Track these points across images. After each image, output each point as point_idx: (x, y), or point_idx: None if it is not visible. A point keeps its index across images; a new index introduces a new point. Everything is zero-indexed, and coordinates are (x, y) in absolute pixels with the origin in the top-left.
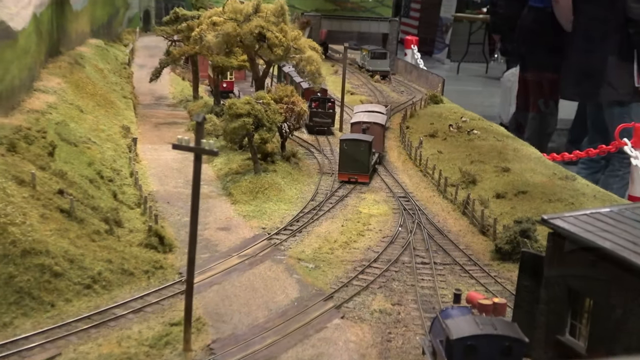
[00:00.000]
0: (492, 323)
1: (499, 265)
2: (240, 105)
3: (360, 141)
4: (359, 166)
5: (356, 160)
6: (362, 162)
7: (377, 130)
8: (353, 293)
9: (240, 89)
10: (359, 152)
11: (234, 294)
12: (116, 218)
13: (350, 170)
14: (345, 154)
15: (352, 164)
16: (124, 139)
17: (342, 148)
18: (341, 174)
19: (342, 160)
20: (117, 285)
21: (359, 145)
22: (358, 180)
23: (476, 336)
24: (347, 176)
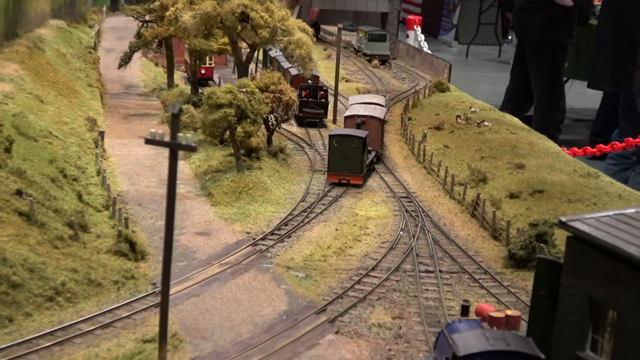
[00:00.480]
0: (504, 338)
1: (513, 274)
2: (220, 94)
3: (353, 137)
4: (351, 166)
5: (348, 159)
6: (355, 161)
7: (374, 125)
8: (349, 305)
9: (221, 75)
10: (350, 150)
11: (215, 306)
12: (81, 222)
13: (341, 171)
14: (335, 152)
15: (343, 163)
16: (90, 133)
17: (331, 145)
18: (331, 174)
19: (331, 159)
20: (83, 298)
21: (351, 142)
22: (350, 181)
23: (486, 352)
24: (338, 177)
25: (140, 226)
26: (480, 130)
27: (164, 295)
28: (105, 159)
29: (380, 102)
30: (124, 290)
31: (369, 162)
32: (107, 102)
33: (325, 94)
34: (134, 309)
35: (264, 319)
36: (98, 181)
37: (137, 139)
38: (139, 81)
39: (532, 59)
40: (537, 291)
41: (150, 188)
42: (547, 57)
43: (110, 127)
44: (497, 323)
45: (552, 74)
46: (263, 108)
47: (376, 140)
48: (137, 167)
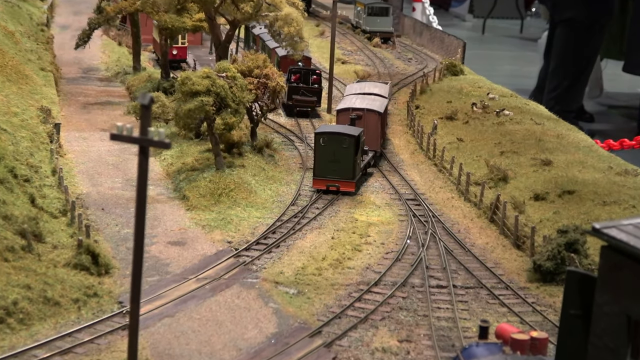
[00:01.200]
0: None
1: (538, 289)
2: (197, 80)
3: (343, 135)
4: (340, 170)
5: (337, 161)
6: (345, 164)
7: (372, 120)
8: (348, 327)
9: (196, 57)
10: (340, 151)
11: (192, 329)
12: (35, 230)
13: (329, 175)
14: (322, 153)
15: (332, 166)
16: (44, 125)
17: (317, 144)
18: (317, 180)
19: (318, 162)
20: (38, 319)
21: (341, 141)
22: (340, 188)
23: None
24: (325, 183)
25: (104, 235)
26: (499, 120)
27: (134, 315)
28: (61, 155)
29: (382, 92)
30: (86, 310)
31: (365, 165)
32: (62, 88)
33: (319, 79)
34: (97, 332)
35: (249, 343)
36: (54, 182)
37: (99, 132)
38: (100, 64)
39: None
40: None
41: (115, 190)
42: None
43: (67, 118)
44: (521, 347)
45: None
46: (246, 96)
47: (374, 138)
48: (99, 166)
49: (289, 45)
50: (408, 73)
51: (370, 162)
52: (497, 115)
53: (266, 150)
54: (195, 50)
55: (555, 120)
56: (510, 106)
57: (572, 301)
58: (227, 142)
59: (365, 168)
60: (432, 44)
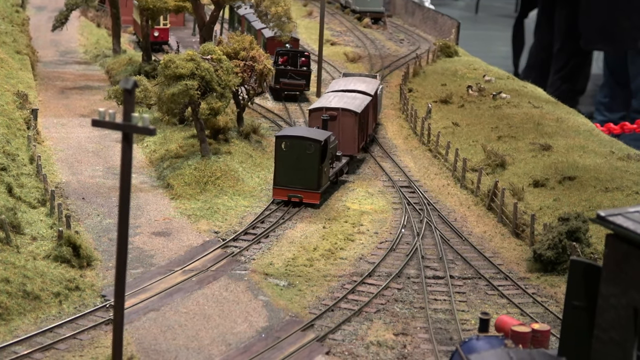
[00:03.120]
0: (533, 358)
1: (539, 279)
2: (180, 62)
3: (307, 140)
4: (304, 179)
5: (300, 169)
6: (309, 172)
7: (348, 121)
8: (341, 320)
9: (179, 39)
10: (304, 157)
11: (179, 323)
12: (13, 221)
13: (292, 185)
14: (283, 160)
15: (295, 174)
16: (20, 111)
17: (278, 150)
18: (277, 189)
19: (278, 169)
20: (17, 314)
21: (305, 147)
22: (303, 200)
23: None
24: (286, 193)
25: (85, 225)
26: (496, 103)
27: (118, 309)
28: (39, 143)
29: (368, 89)
30: (67, 304)
31: (336, 172)
32: (39, 72)
33: (307, 61)
34: (79, 327)
35: (238, 338)
36: (31, 170)
37: (78, 118)
38: (78, 46)
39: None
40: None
41: (95, 178)
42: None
43: (44, 103)
44: (522, 339)
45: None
46: (232, 79)
47: (351, 142)
48: (79, 153)
49: (276, 26)
50: (400, 55)
51: (343, 168)
52: (493, 99)
53: (253, 136)
54: (178, 31)
55: (554, 104)
56: (507, 89)
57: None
58: (213, 128)
59: (337, 176)
60: (424, 24)
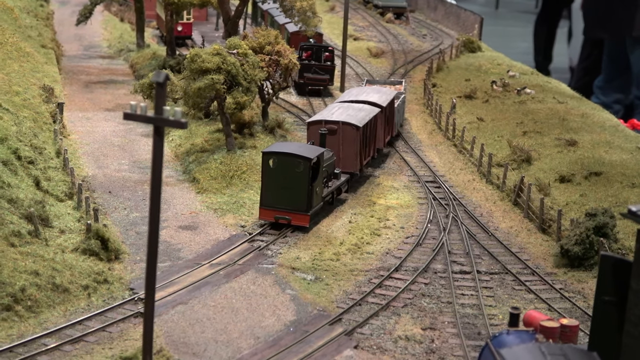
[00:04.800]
0: (564, 353)
1: (566, 274)
2: (207, 57)
3: (296, 158)
4: (292, 199)
5: (288, 188)
6: (298, 192)
7: (349, 135)
8: (369, 314)
9: (201, 34)
10: (293, 176)
11: (207, 316)
12: (42, 214)
13: (279, 205)
14: (270, 178)
15: (282, 194)
16: (46, 105)
17: (265, 167)
18: (264, 209)
19: (265, 188)
20: (46, 306)
21: (294, 165)
22: (291, 222)
23: None
24: (273, 214)
25: (112, 219)
26: (521, 99)
27: (149, 302)
28: (65, 136)
29: (381, 100)
30: (96, 297)
31: (332, 192)
32: (64, 66)
33: (331, 56)
34: (108, 320)
35: (267, 331)
36: (58, 164)
37: (103, 111)
38: (102, 40)
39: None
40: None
41: (122, 172)
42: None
43: (69, 97)
44: (551, 334)
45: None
46: (258, 74)
47: (352, 158)
48: (104, 147)
49: (301, 21)
50: (423, 50)
51: (342, 187)
52: (518, 94)
53: (278, 130)
54: (200, 26)
55: (578, 99)
56: (532, 84)
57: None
58: (238, 122)
59: (333, 195)
60: (447, 19)
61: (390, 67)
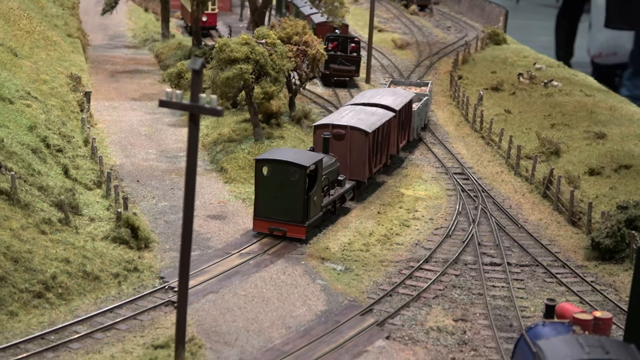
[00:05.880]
0: (602, 345)
1: (597, 267)
2: (235, 46)
3: (291, 165)
4: (287, 210)
5: (283, 197)
6: (294, 202)
7: (358, 140)
8: (400, 305)
9: (226, 24)
10: (288, 185)
11: (238, 305)
12: (72, 202)
13: (274, 216)
14: (265, 187)
15: (277, 204)
16: (74, 94)
17: (259, 175)
18: (258, 220)
19: (259, 197)
20: (77, 294)
21: (289, 173)
22: (286, 234)
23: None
24: (267, 225)
25: (140, 208)
26: (548, 91)
27: (182, 291)
28: (92, 125)
29: (394, 104)
30: (126, 285)
31: (333, 201)
32: (89, 55)
33: (357, 47)
34: (139, 308)
35: (298, 321)
36: (86, 152)
37: (129, 101)
38: (127, 30)
39: None
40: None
41: (149, 161)
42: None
43: (95, 86)
44: (584, 326)
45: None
46: (286, 64)
47: (359, 165)
48: (131, 136)
49: (329, 12)
50: (448, 42)
51: (346, 195)
52: (545, 87)
53: (305, 121)
54: (225, 17)
55: (605, 92)
56: (558, 77)
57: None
58: (266, 112)
59: (335, 204)
60: (471, 12)
61: (415, 59)
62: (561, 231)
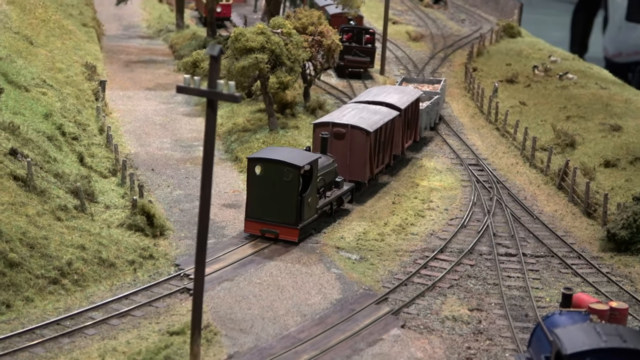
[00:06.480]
0: (620, 333)
1: (613, 259)
2: (251, 36)
3: (284, 165)
4: (280, 211)
5: (276, 199)
6: (287, 203)
7: (359, 140)
8: (415, 294)
9: (240, 16)
10: (281, 186)
11: (253, 293)
12: (87, 189)
13: (266, 217)
14: (257, 187)
15: (270, 205)
16: (89, 82)
17: (251, 174)
18: (249, 221)
19: (251, 198)
20: (93, 280)
21: (282, 173)
22: (279, 236)
23: (599, 350)
24: (259, 227)
25: (156, 196)
26: (563, 84)
27: (198, 277)
28: (107, 114)
29: (399, 102)
30: (142, 272)
31: (330, 202)
32: (104, 45)
33: (372, 38)
34: (155, 295)
35: (313, 309)
36: (101, 141)
37: (143, 90)
38: (141, 21)
39: None
40: None
41: (164, 150)
42: None
43: (110, 76)
44: (600, 316)
45: None
46: (302, 54)
47: (360, 166)
48: (146, 125)
49: (343, 3)
50: (462, 35)
51: (343, 197)
52: (560, 79)
53: (319, 111)
54: (239, 8)
55: (620, 85)
56: (573, 70)
57: None
58: (280, 102)
59: (332, 206)
60: (485, 5)
61: (429, 51)
62: (576, 222)
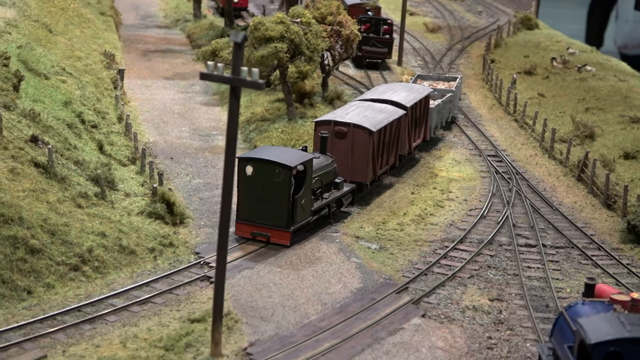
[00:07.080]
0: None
1: (633, 250)
2: (270, 25)
3: (275, 165)
4: (271, 213)
5: (267, 201)
6: (278, 205)
7: (360, 139)
8: (435, 284)
9: (258, 5)
10: (272, 186)
11: (273, 281)
12: (108, 177)
13: (257, 219)
14: (248, 188)
15: (261, 207)
16: (107, 71)
17: (241, 175)
18: (240, 223)
19: (241, 199)
20: (113, 267)
21: (273, 173)
22: (270, 239)
23: (623, 340)
24: (249, 229)
25: (175, 184)
26: (581, 76)
27: (220, 266)
28: (125, 103)
29: (405, 100)
30: (162, 259)
31: (327, 204)
32: (121, 34)
33: (390, 29)
34: (175, 283)
35: (334, 298)
36: (120, 129)
37: (161, 80)
38: (158, 10)
39: None
40: None
41: (182, 139)
42: None
43: (128, 65)
44: (622, 307)
45: None
46: (321, 43)
47: (362, 166)
48: (164, 114)
49: None
50: (479, 26)
51: (343, 199)
52: (578, 71)
53: (337, 102)
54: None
55: (639, 77)
56: (592, 62)
57: None
58: (299, 92)
59: (330, 208)
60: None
61: (447, 42)
62: (596, 214)
